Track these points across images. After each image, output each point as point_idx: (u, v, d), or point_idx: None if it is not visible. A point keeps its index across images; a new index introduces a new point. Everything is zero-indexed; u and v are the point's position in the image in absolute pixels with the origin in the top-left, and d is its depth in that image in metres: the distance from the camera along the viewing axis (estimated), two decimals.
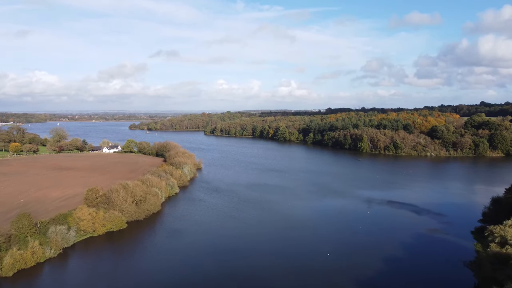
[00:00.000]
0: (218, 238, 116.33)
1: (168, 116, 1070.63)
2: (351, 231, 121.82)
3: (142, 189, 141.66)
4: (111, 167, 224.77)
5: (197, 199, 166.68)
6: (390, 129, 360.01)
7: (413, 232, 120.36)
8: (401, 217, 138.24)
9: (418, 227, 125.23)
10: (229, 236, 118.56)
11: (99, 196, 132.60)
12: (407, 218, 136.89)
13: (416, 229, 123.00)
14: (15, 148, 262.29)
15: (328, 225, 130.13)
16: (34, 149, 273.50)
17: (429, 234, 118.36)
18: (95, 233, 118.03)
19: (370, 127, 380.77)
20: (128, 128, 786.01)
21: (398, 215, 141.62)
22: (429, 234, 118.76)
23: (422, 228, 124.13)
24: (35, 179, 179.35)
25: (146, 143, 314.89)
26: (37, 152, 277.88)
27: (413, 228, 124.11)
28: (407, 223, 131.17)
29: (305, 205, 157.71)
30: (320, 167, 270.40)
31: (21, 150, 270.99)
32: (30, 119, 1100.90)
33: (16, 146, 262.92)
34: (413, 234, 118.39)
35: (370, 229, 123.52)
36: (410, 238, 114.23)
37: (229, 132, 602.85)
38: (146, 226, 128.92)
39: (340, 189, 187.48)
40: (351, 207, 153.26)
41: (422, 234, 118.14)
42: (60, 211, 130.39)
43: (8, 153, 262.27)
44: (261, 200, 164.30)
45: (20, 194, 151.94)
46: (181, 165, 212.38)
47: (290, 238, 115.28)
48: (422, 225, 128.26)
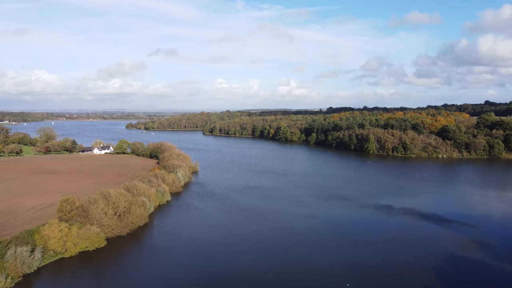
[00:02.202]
0: (210, 258, 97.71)
1: (167, 115, 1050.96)
2: (369, 251, 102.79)
3: (126, 198, 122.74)
4: (99, 171, 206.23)
5: (190, 208, 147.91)
6: (398, 129, 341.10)
7: (445, 252, 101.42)
8: (427, 232, 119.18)
9: (450, 245, 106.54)
10: (223, 255, 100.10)
11: (75, 208, 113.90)
12: (434, 233, 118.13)
13: (448, 248, 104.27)
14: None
15: (341, 242, 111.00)
16: (17, 150, 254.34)
17: (466, 255, 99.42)
18: (66, 254, 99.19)
19: (376, 127, 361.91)
20: (124, 128, 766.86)
21: (422, 229, 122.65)
22: (465, 255, 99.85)
23: (455, 247, 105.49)
24: (11, 185, 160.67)
25: (140, 144, 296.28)
26: (21, 153, 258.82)
27: (444, 247, 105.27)
28: (435, 239, 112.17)
29: (311, 215, 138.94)
30: (325, 169, 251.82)
31: (3, 151, 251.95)
32: (26, 118, 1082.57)
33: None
34: (446, 255, 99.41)
35: (393, 248, 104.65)
36: (443, 262, 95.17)
37: (228, 132, 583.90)
38: (129, 244, 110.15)
39: (349, 196, 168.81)
40: (364, 219, 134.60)
41: (457, 256, 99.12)
42: (31, 224, 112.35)
43: None
44: (261, 209, 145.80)
45: None
46: (175, 169, 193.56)
47: (295, 261, 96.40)
48: (453, 242, 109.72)
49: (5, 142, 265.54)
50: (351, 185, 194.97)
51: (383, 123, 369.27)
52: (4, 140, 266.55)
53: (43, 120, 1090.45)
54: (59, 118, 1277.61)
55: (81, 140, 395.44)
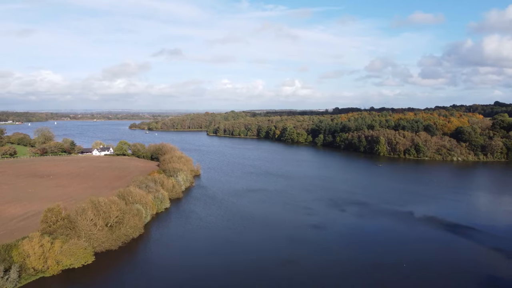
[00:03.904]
0: (210, 275, 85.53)
1: (171, 116, 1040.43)
2: (392, 271, 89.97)
3: (119, 207, 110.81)
4: (96, 174, 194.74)
5: (191, 216, 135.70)
6: (409, 130, 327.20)
7: (485, 274, 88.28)
8: (458, 247, 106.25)
9: (488, 265, 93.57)
10: (224, 272, 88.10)
11: (61, 219, 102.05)
12: (466, 248, 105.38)
13: (487, 269, 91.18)
14: None
15: (358, 258, 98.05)
16: (11, 151, 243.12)
17: (503, 275, 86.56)
18: (47, 272, 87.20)
19: (386, 128, 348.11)
20: (128, 128, 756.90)
21: (451, 243, 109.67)
22: (502, 275, 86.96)
23: (488, 264, 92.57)
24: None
25: (140, 145, 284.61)
26: (15, 155, 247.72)
27: (482, 267, 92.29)
28: (469, 257, 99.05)
29: (321, 224, 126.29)
30: (334, 173, 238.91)
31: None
32: (30, 118, 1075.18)
33: None
34: (486, 279, 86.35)
35: (418, 266, 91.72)
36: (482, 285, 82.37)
37: (232, 133, 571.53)
38: (120, 259, 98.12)
39: (362, 202, 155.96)
40: (381, 229, 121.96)
41: (495, 277, 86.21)
42: (12, 236, 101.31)
43: None
44: (267, 217, 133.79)
45: None
46: (175, 172, 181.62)
47: (306, 280, 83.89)
48: (485, 257, 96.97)
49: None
50: (363, 190, 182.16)
51: (394, 124, 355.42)
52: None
53: (47, 120, 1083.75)
54: (63, 118, 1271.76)
55: (81, 141, 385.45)
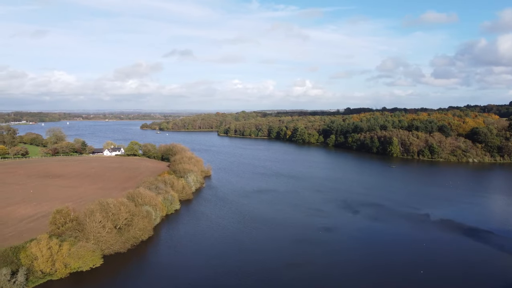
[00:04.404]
0: (220, 279, 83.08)
1: (182, 116, 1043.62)
2: (408, 277, 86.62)
3: (128, 209, 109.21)
4: (106, 174, 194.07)
5: (201, 218, 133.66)
6: (423, 131, 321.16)
7: (504, 280, 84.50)
8: (476, 252, 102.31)
9: (508, 270, 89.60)
10: (234, 276, 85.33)
11: (69, 220, 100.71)
12: (485, 253, 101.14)
13: (506, 275, 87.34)
14: (0, 151, 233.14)
15: (370, 263, 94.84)
16: (23, 152, 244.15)
17: None
18: (55, 275, 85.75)
19: (400, 128, 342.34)
20: (139, 128, 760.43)
21: (469, 248, 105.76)
22: None
23: None
24: (9, 190, 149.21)
25: (151, 145, 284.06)
26: (27, 155, 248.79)
27: (501, 272, 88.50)
28: (488, 262, 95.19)
29: (334, 227, 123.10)
30: (346, 174, 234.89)
31: (8, 153, 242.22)
32: (44, 118, 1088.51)
33: (1, 148, 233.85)
34: (505, 285, 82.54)
35: (436, 273, 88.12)
36: None
37: (243, 133, 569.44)
38: (129, 262, 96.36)
39: (376, 205, 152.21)
40: (396, 233, 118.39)
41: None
42: (21, 237, 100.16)
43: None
44: (277, 220, 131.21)
45: None
46: (185, 173, 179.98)
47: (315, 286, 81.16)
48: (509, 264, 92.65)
49: (12, 143, 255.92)
50: (376, 192, 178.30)
51: (407, 125, 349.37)
52: (11, 141, 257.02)
53: (60, 120, 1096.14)
54: (76, 118, 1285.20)
55: (93, 141, 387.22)
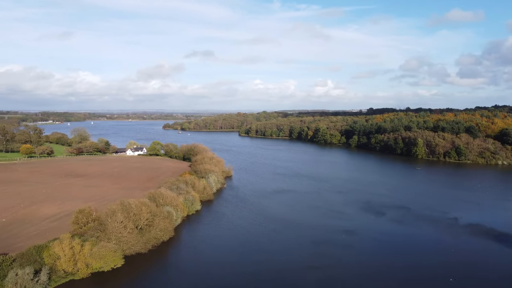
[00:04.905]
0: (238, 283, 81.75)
1: (204, 116, 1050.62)
2: (436, 286, 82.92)
3: (149, 209, 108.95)
4: (128, 174, 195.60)
5: (222, 219, 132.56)
6: (449, 132, 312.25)
7: None
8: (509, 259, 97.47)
9: None
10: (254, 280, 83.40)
11: (91, 220, 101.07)
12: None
13: None
14: (26, 150, 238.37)
15: (395, 269, 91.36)
16: (48, 151, 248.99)
17: None
18: (77, 275, 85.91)
19: (425, 129, 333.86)
20: (161, 128, 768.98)
21: (503, 255, 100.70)
22: None
23: None
24: (34, 189, 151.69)
25: (173, 145, 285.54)
26: (52, 154, 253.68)
27: None
28: None
29: (355, 229, 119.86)
30: (369, 175, 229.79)
31: (34, 152, 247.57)
32: (69, 118, 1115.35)
33: (28, 148, 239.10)
34: None
35: (469, 282, 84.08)
36: None
37: (264, 133, 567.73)
38: (149, 263, 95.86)
39: (400, 208, 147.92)
40: (422, 237, 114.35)
41: None
42: (45, 236, 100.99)
43: (19, 156, 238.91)
44: (298, 222, 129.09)
45: (6, 209, 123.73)
46: (206, 174, 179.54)
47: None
48: None
49: (38, 142, 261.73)
50: (400, 194, 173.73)
51: (432, 125, 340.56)
52: (37, 140, 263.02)
53: (85, 120, 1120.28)
54: (100, 118, 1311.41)
55: (116, 141, 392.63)
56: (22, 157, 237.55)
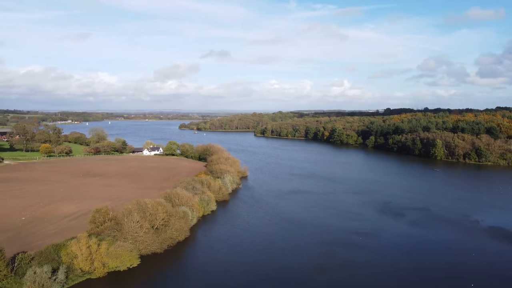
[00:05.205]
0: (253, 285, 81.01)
1: (220, 116, 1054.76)
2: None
3: (165, 209, 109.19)
4: (145, 174, 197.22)
5: (237, 220, 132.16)
6: (469, 132, 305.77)
7: None
8: None
9: None
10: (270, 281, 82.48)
11: (108, 220, 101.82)
12: None
13: None
14: (46, 149, 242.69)
15: (414, 273, 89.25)
16: (67, 150, 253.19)
17: None
18: (94, 274, 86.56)
19: (444, 130, 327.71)
20: (177, 128, 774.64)
21: None
22: None
23: None
24: (52, 188, 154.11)
25: (189, 145, 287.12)
26: (71, 154, 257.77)
27: None
28: None
29: (371, 231, 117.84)
30: (386, 177, 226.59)
31: (53, 151, 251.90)
32: (87, 118, 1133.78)
33: (47, 147, 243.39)
34: None
35: None
36: None
37: (280, 133, 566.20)
38: (165, 263, 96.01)
39: (418, 210, 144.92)
40: (441, 241, 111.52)
41: None
42: (63, 235, 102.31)
43: (38, 155, 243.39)
44: (313, 223, 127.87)
45: (26, 208, 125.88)
46: (222, 174, 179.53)
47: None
48: None
49: (57, 142, 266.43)
50: (419, 196, 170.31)
51: (452, 126, 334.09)
52: (56, 140, 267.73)
53: (102, 120, 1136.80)
54: (117, 118, 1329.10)
55: (133, 140, 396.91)
56: (42, 156, 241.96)
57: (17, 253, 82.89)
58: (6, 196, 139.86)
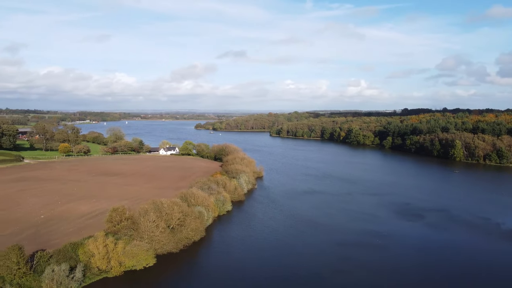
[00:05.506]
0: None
1: (235, 116, 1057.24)
2: None
3: (181, 209, 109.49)
4: (160, 173, 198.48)
5: (253, 220, 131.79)
6: (490, 133, 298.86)
7: None
8: None
9: None
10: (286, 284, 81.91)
11: (125, 219, 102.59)
12: None
13: None
14: (64, 149, 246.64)
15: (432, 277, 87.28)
16: (85, 150, 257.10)
17: None
18: (110, 273, 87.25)
19: (463, 130, 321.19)
20: (193, 128, 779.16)
21: None
22: None
23: None
24: (71, 187, 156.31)
25: (204, 145, 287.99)
26: (89, 153, 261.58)
27: None
28: None
29: (389, 234, 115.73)
30: (404, 178, 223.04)
31: (71, 151, 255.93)
32: (105, 118, 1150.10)
33: (66, 147, 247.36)
34: None
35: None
36: None
37: (296, 134, 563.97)
38: (181, 263, 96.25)
39: (437, 212, 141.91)
40: (463, 244, 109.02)
41: None
42: (80, 233, 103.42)
43: (57, 154, 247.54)
44: (330, 225, 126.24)
45: (44, 206, 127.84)
46: (237, 174, 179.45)
47: None
48: None
49: (75, 141, 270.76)
50: (438, 198, 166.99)
51: (471, 127, 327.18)
52: (75, 139, 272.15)
53: (120, 120, 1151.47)
54: (134, 118, 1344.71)
55: (149, 140, 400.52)
56: (61, 155, 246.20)
57: (36, 251, 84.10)
58: (26, 194, 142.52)
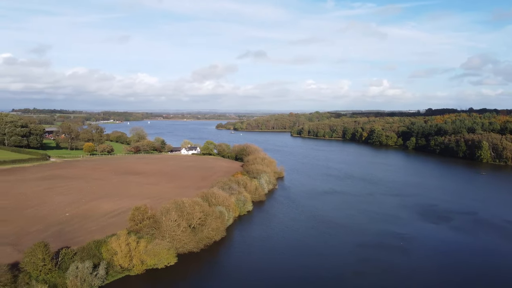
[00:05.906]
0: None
1: (256, 116, 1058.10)
2: None
3: (202, 209, 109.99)
4: (182, 173, 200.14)
5: (273, 220, 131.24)
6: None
7: None
8: None
9: None
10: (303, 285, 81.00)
11: (147, 218, 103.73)
12: None
13: None
14: (89, 148, 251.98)
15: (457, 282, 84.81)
16: (109, 149, 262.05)
17: None
18: (132, 271, 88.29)
19: (491, 131, 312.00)
20: (214, 128, 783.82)
21: None
22: None
23: None
24: (94, 186, 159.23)
25: (225, 145, 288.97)
26: (112, 152, 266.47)
27: None
28: None
29: (412, 236, 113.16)
30: (427, 179, 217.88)
31: (95, 150, 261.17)
32: (128, 117, 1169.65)
33: (90, 146, 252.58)
34: None
35: None
36: None
37: (317, 134, 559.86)
38: (202, 262, 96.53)
39: (463, 215, 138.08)
40: (488, 249, 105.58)
41: None
42: (103, 231, 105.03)
43: (82, 153, 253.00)
44: (351, 226, 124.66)
45: (69, 204, 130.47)
46: (258, 174, 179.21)
47: None
48: None
49: (99, 140, 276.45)
50: (464, 201, 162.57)
51: (499, 127, 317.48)
52: (99, 139, 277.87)
53: (142, 120, 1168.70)
54: (157, 117, 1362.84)
55: (171, 139, 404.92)
56: (85, 154, 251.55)
57: (61, 248, 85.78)
58: (52, 192, 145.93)
